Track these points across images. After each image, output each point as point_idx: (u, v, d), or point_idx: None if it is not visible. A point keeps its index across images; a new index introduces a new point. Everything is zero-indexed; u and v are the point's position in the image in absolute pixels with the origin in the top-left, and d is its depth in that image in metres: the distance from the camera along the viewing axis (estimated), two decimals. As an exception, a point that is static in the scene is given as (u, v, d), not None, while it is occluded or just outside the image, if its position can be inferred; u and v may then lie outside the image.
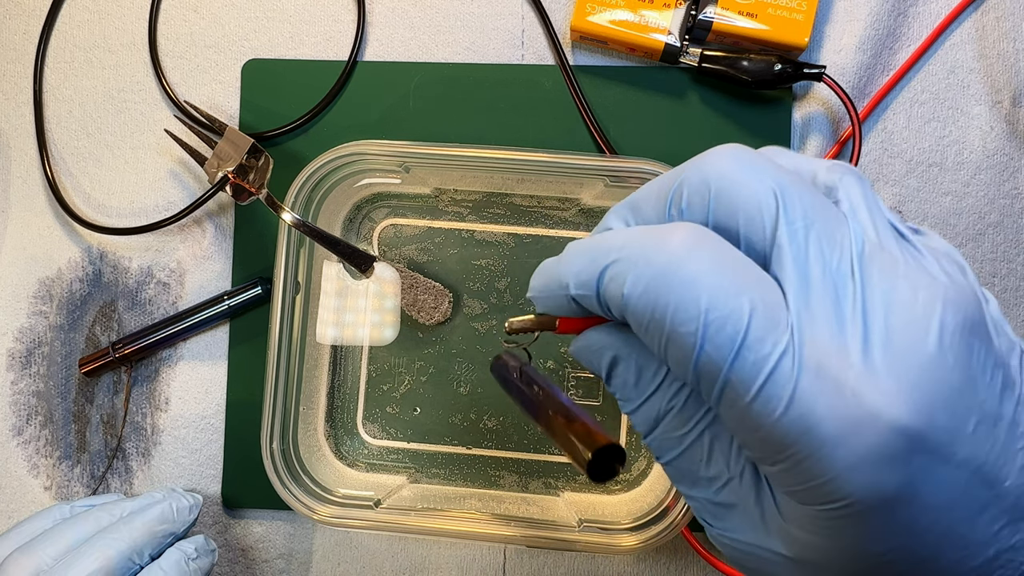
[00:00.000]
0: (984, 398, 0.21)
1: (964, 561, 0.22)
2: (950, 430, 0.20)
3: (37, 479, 0.51)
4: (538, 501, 0.48)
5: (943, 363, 0.20)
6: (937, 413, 0.20)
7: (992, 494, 0.21)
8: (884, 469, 0.20)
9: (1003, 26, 0.48)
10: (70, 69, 0.52)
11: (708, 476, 0.25)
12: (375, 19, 0.51)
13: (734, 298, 0.21)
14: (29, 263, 0.51)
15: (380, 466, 0.49)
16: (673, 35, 0.47)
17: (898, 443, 0.20)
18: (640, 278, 0.22)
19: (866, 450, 0.20)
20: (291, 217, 0.44)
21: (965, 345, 0.21)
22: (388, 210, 0.49)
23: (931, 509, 0.21)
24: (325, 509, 0.44)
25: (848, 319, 0.21)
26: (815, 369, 0.20)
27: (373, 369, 0.49)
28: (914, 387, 0.20)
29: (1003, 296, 0.47)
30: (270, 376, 0.44)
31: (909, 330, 0.20)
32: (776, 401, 0.20)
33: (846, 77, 0.48)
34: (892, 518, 0.21)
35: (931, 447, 0.20)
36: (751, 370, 0.21)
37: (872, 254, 0.21)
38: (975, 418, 0.21)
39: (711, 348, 0.21)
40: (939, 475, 0.21)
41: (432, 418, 0.49)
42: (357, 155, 0.44)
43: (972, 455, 0.21)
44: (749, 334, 0.21)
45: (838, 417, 0.20)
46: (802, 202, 0.22)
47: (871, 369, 0.20)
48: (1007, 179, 0.48)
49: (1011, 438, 0.21)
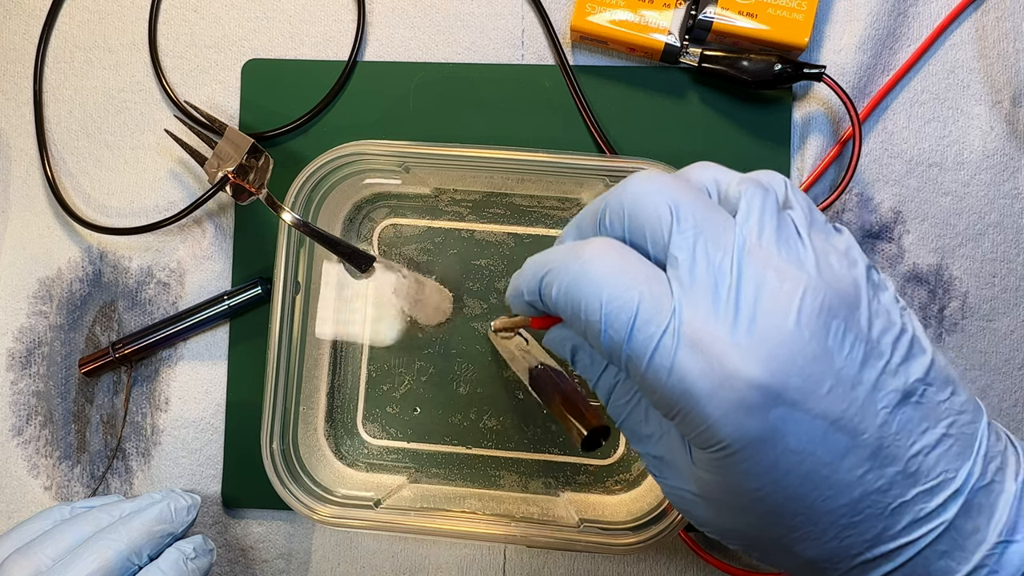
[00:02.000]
0: (841, 367, 0.25)
1: (831, 499, 0.26)
2: (804, 390, 0.25)
3: (37, 479, 0.51)
4: (538, 501, 0.48)
5: (799, 337, 0.25)
6: (791, 375, 0.25)
7: (852, 443, 0.26)
8: (745, 417, 0.25)
9: (1003, 26, 0.48)
10: (70, 69, 0.52)
11: (647, 433, 0.31)
12: (375, 19, 0.51)
13: (626, 291, 0.26)
14: (29, 263, 0.51)
15: (380, 466, 0.49)
16: (673, 35, 0.47)
17: (756, 396, 0.25)
18: (562, 284, 0.28)
19: (730, 402, 0.25)
20: (291, 217, 0.44)
21: (822, 324, 0.25)
22: (388, 210, 0.49)
23: (792, 452, 0.25)
24: (325, 509, 0.44)
25: (722, 303, 0.25)
26: (691, 342, 0.25)
27: (373, 369, 0.49)
28: (771, 354, 0.25)
29: (1003, 296, 0.47)
30: (270, 376, 0.44)
31: (772, 311, 0.25)
32: (662, 369, 0.26)
33: (846, 77, 0.48)
34: (759, 458, 0.26)
35: (787, 401, 0.25)
36: (642, 346, 0.26)
37: (751, 252, 0.26)
38: (830, 382, 0.25)
39: (612, 332, 0.27)
40: (797, 425, 0.25)
41: (432, 418, 0.49)
42: (357, 155, 0.44)
43: (828, 410, 0.25)
44: (638, 317, 0.26)
45: (708, 378, 0.25)
46: (694, 215, 0.27)
47: (737, 341, 0.25)
48: (1007, 179, 0.47)
49: (871, 400, 0.26)
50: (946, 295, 0.48)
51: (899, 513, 0.26)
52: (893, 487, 0.26)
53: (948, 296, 0.48)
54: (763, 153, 0.48)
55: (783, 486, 0.26)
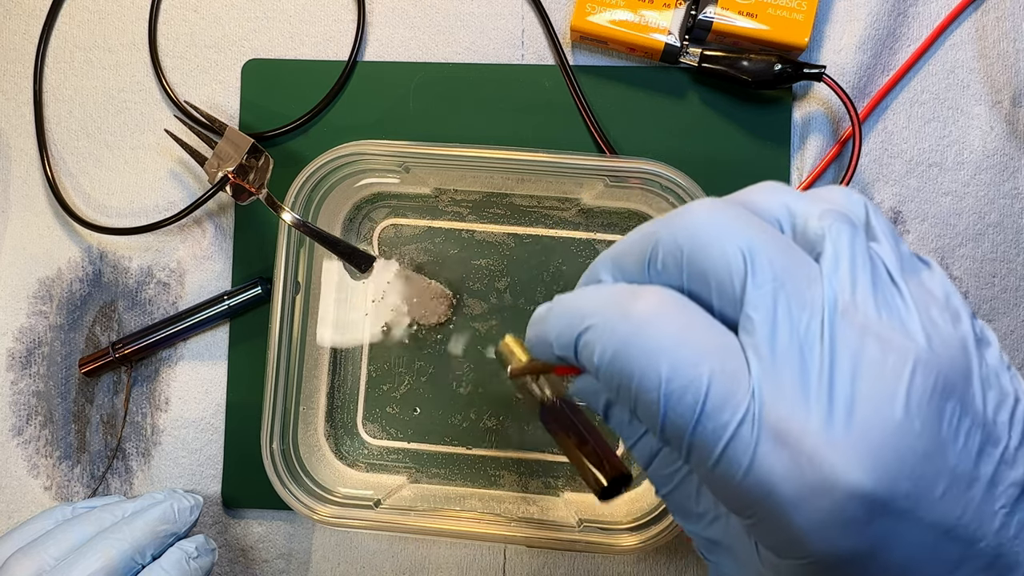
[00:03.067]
0: (956, 463, 0.21)
1: None
2: (915, 496, 0.20)
3: (37, 479, 0.51)
4: (538, 501, 0.48)
5: (909, 429, 0.20)
6: (900, 479, 0.20)
7: (965, 553, 0.21)
8: (841, 533, 0.20)
9: (1003, 26, 0.48)
10: (70, 69, 0.52)
11: (698, 512, 0.25)
12: (375, 19, 0.51)
13: (693, 367, 0.21)
14: (29, 263, 0.51)
15: (380, 466, 0.49)
16: (673, 35, 0.47)
17: (856, 508, 0.20)
18: (607, 347, 0.23)
19: (823, 515, 0.20)
20: (291, 217, 0.44)
21: (935, 410, 0.21)
22: (388, 210, 0.49)
23: (894, 569, 0.21)
24: (325, 509, 0.44)
25: (812, 384, 0.21)
26: (774, 435, 0.20)
27: (373, 369, 0.49)
28: (876, 454, 0.20)
29: (1003, 296, 0.47)
30: (270, 376, 0.44)
31: (875, 395, 0.20)
32: (737, 466, 0.21)
33: (846, 77, 0.48)
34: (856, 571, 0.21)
35: (894, 512, 0.20)
36: (712, 437, 0.21)
37: (845, 313, 0.21)
38: (944, 483, 0.21)
39: (673, 416, 0.21)
40: (903, 537, 0.21)
41: (432, 418, 0.49)
42: (357, 155, 0.44)
43: (941, 519, 0.21)
44: (708, 402, 0.21)
45: (796, 482, 0.20)
46: (772, 263, 0.22)
47: (832, 435, 0.20)
48: (1007, 179, 0.48)
49: (987, 499, 0.21)
50: (946, 295, 0.47)
51: None
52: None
53: (948, 296, 0.47)
54: (763, 153, 0.48)
55: None
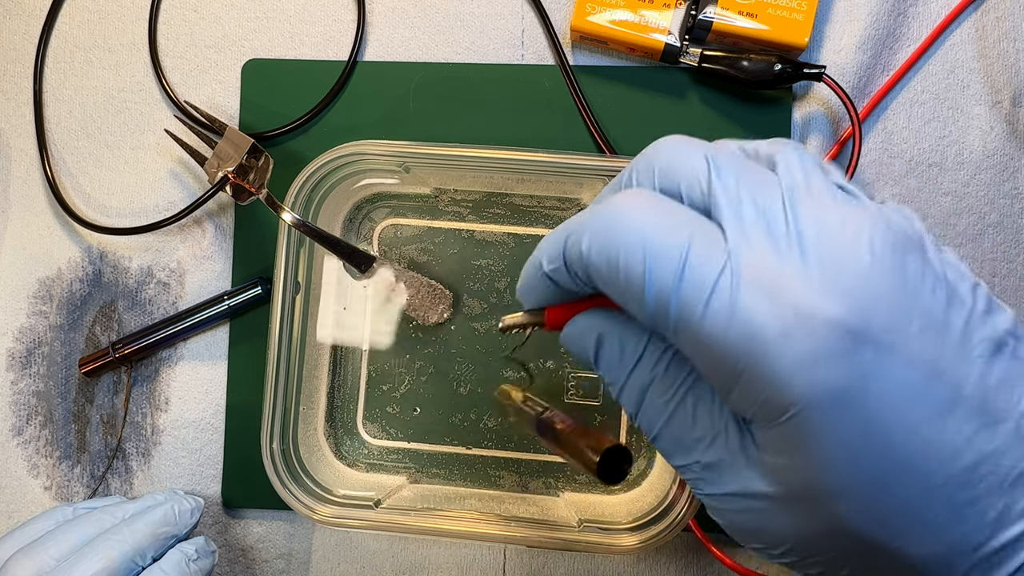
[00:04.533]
0: (928, 306, 0.22)
1: (944, 467, 0.22)
2: (892, 329, 0.21)
3: (37, 479, 0.51)
4: (538, 501, 0.48)
5: (877, 270, 0.21)
6: (876, 310, 0.21)
7: (954, 395, 0.22)
8: (827, 364, 0.21)
9: (1003, 26, 0.48)
10: (70, 69, 0.52)
11: (696, 437, 0.26)
12: (375, 19, 0.51)
13: (673, 232, 0.23)
14: (29, 263, 0.51)
15: (380, 466, 0.49)
16: (673, 35, 0.47)
17: (838, 338, 0.21)
18: (594, 235, 0.24)
19: (807, 347, 0.21)
20: (291, 217, 0.44)
21: (899, 258, 0.22)
22: (388, 210, 0.49)
23: (890, 405, 0.21)
24: (325, 509, 0.44)
25: (782, 242, 0.22)
26: (753, 281, 0.22)
27: (373, 369, 0.49)
28: (849, 289, 0.21)
29: (1003, 296, 0.47)
30: (270, 376, 0.44)
31: (840, 245, 0.22)
32: (721, 313, 0.22)
33: (846, 77, 0.48)
34: (851, 416, 0.21)
35: (874, 343, 0.21)
36: (696, 291, 0.22)
37: (802, 196, 0.23)
38: (918, 322, 0.22)
39: (658, 278, 0.23)
40: (890, 369, 0.21)
41: (432, 418, 0.49)
42: (357, 155, 0.44)
43: (921, 353, 0.21)
44: (689, 258, 0.22)
45: (778, 319, 0.21)
46: (733, 164, 0.24)
47: (807, 277, 0.21)
48: (1007, 179, 0.48)
49: (963, 346, 0.22)
50: (946, 295, 0.47)
51: (1021, 483, 0.22)
52: (1009, 451, 0.22)
53: (948, 296, 0.47)
54: (763, 153, 0.48)
55: (885, 451, 0.22)
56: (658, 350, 0.26)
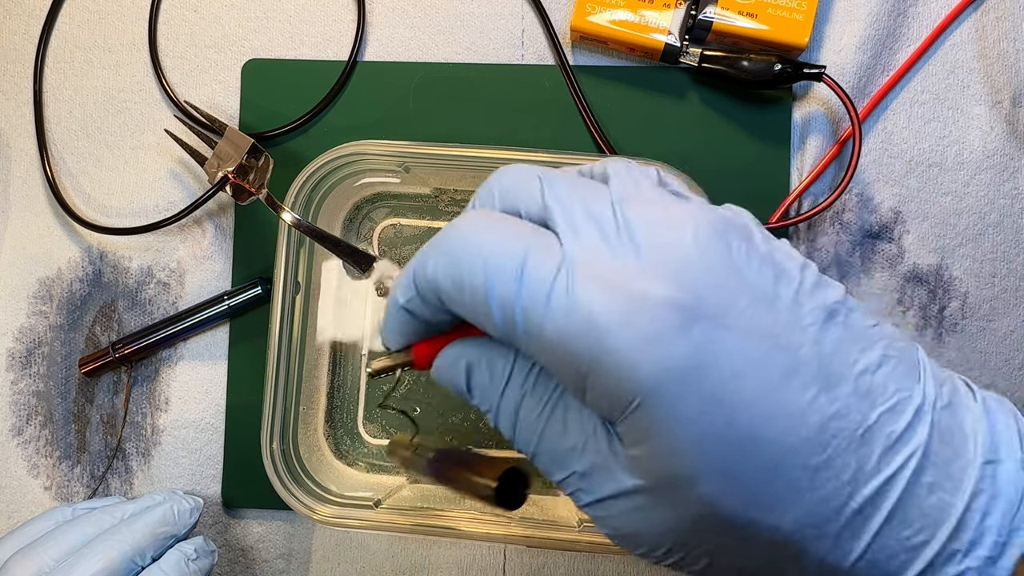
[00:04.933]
0: (754, 282, 0.23)
1: (790, 432, 0.23)
2: (721, 304, 0.23)
3: (37, 479, 0.51)
4: (538, 501, 0.48)
5: (702, 254, 0.23)
6: (703, 289, 0.23)
7: (791, 360, 0.23)
8: (663, 343, 0.22)
9: (1003, 26, 0.48)
10: (70, 69, 0.52)
11: (569, 447, 0.26)
12: (375, 19, 0.51)
13: (509, 243, 0.24)
14: (29, 263, 0.51)
15: (380, 466, 0.49)
16: (673, 35, 0.47)
17: (671, 316, 0.22)
18: (437, 257, 0.26)
19: (643, 329, 0.22)
20: (291, 217, 0.44)
21: (722, 242, 0.24)
22: (388, 210, 0.49)
23: (730, 377, 0.22)
24: (325, 509, 0.44)
25: (612, 238, 0.24)
26: (588, 276, 0.23)
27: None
28: (677, 272, 0.23)
29: (1003, 296, 0.47)
30: (270, 376, 0.44)
31: (666, 234, 0.23)
32: (561, 311, 0.23)
33: (846, 77, 0.48)
34: (694, 391, 0.22)
35: (707, 316, 0.22)
36: (536, 294, 0.23)
37: (630, 198, 0.25)
38: (746, 296, 0.23)
39: (499, 289, 0.24)
40: (725, 342, 0.22)
41: (432, 418, 0.49)
42: (357, 155, 0.44)
43: (753, 325, 0.23)
44: (526, 265, 0.24)
45: (613, 306, 0.22)
46: (564, 179, 0.26)
47: (637, 266, 0.23)
48: (1007, 179, 0.48)
49: (794, 315, 0.23)
50: (946, 295, 0.48)
51: (868, 441, 0.23)
52: (851, 410, 0.23)
53: (948, 296, 0.48)
54: (763, 153, 0.48)
55: (731, 424, 0.22)
56: (526, 367, 0.27)
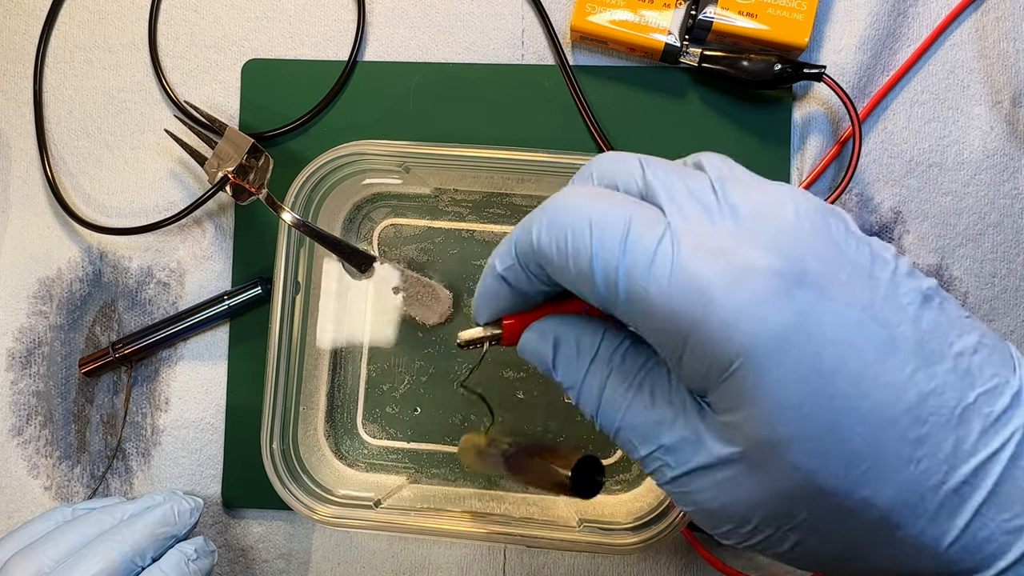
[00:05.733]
0: (854, 259, 0.24)
1: (888, 406, 0.23)
2: (823, 273, 0.23)
3: (37, 479, 0.51)
4: (538, 501, 0.48)
5: (803, 227, 0.24)
6: (805, 259, 0.23)
7: (890, 335, 0.23)
8: (766, 307, 0.23)
9: (1003, 26, 0.48)
10: (70, 69, 0.52)
11: (656, 420, 0.27)
12: (375, 19, 0.51)
13: (615, 211, 0.25)
14: (29, 263, 0.51)
15: (380, 466, 0.49)
16: (673, 35, 0.47)
17: (774, 282, 0.23)
18: (542, 224, 0.26)
19: (747, 294, 0.23)
20: (291, 217, 0.44)
21: (822, 220, 0.24)
22: (388, 210, 0.49)
23: (829, 345, 0.23)
24: (325, 509, 0.44)
25: (715, 212, 0.24)
26: (692, 244, 0.24)
27: (373, 369, 0.49)
28: (780, 243, 0.23)
29: (1003, 296, 0.47)
30: (270, 376, 0.44)
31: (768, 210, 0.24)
32: (664, 277, 0.24)
33: (846, 77, 0.48)
34: (790, 357, 0.23)
35: (809, 284, 0.23)
36: (640, 258, 0.24)
37: (728, 180, 0.25)
38: (846, 270, 0.23)
39: (604, 252, 0.24)
40: (827, 310, 0.23)
41: (432, 418, 0.49)
42: (357, 155, 0.44)
43: (854, 296, 0.23)
44: (631, 230, 0.24)
45: (718, 273, 0.23)
46: (662, 162, 0.27)
47: (741, 237, 0.24)
48: (1007, 179, 0.48)
49: (892, 293, 0.24)
50: (946, 295, 0.48)
51: (967, 419, 0.23)
52: (949, 388, 0.23)
53: (948, 296, 0.47)
54: (763, 153, 0.48)
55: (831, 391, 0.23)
56: (614, 343, 0.28)
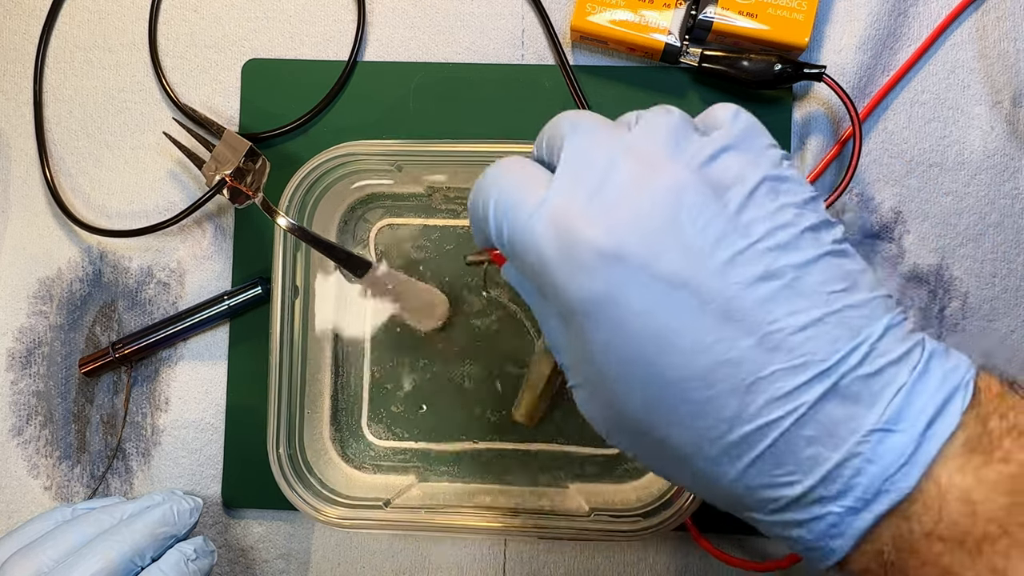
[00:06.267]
0: (689, 238, 0.26)
1: (680, 367, 0.26)
2: (643, 254, 0.26)
3: (37, 479, 0.51)
4: (548, 494, 0.48)
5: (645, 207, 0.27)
6: (630, 238, 0.26)
7: (698, 307, 0.26)
8: (586, 278, 0.27)
9: (1003, 26, 0.48)
10: (70, 69, 0.52)
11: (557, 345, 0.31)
12: (375, 19, 0.51)
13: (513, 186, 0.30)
14: (29, 263, 0.51)
15: (387, 467, 0.49)
16: (673, 35, 0.47)
17: (594, 258, 0.27)
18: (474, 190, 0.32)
19: (573, 265, 0.27)
20: (286, 222, 0.44)
21: (676, 200, 0.27)
22: (383, 210, 0.49)
23: (636, 313, 0.26)
24: (335, 511, 0.44)
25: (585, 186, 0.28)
26: (550, 218, 0.28)
27: (376, 370, 0.49)
28: (615, 221, 0.27)
29: (1003, 296, 0.47)
30: (273, 382, 0.44)
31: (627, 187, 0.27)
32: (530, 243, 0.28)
33: (846, 77, 0.48)
34: (605, 317, 0.27)
35: (625, 263, 0.26)
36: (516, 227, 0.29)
37: (631, 149, 0.28)
38: (675, 250, 0.26)
39: (497, 218, 0.30)
40: (635, 285, 0.26)
41: (437, 416, 0.49)
42: (349, 156, 0.44)
43: (669, 273, 0.26)
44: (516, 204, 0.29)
45: (557, 246, 0.27)
46: (592, 126, 0.30)
47: (588, 213, 0.27)
48: (1007, 179, 0.47)
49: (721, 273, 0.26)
50: (946, 295, 0.48)
51: (755, 390, 0.26)
52: (746, 361, 0.26)
53: (948, 296, 0.48)
54: (763, 153, 0.48)
55: (632, 348, 0.27)
56: None
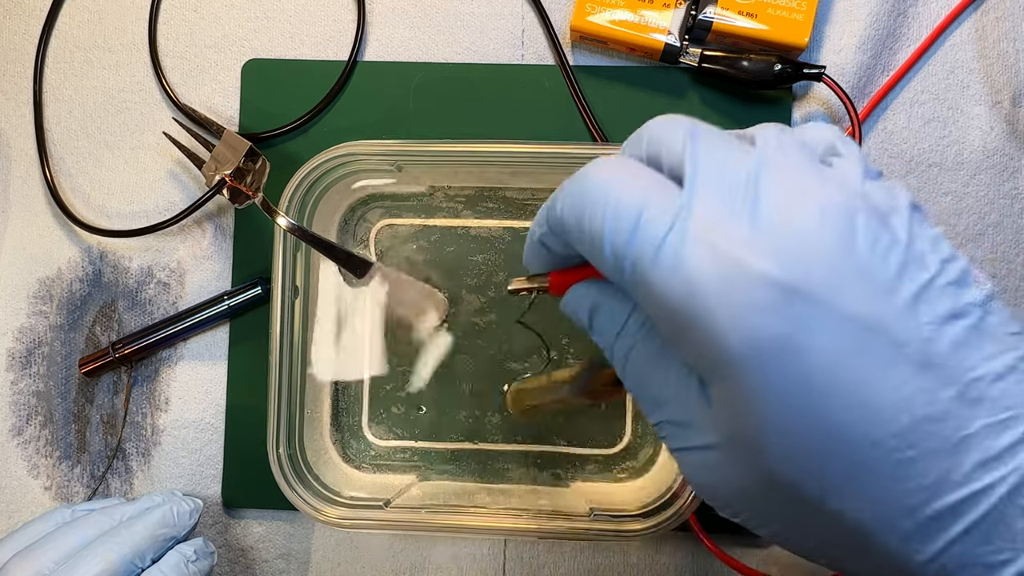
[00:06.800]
0: (872, 270, 0.22)
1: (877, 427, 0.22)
2: (828, 285, 0.22)
3: (37, 479, 0.51)
4: (548, 493, 0.48)
5: (821, 234, 0.22)
6: (812, 269, 0.22)
7: (893, 354, 0.22)
8: (758, 316, 0.22)
9: (1003, 26, 0.48)
10: (70, 69, 0.52)
11: (667, 396, 0.27)
12: (375, 19, 0.51)
13: (632, 194, 0.25)
14: (29, 263, 0.51)
15: (387, 467, 0.49)
16: (673, 35, 0.47)
17: (771, 292, 0.22)
18: (567, 197, 0.27)
19: (740, 300, 0.22)
20: (286, 222, 0.44)
21: (848, 224, 0.23)
22: (383, 210, 0.49)
23: (822, 362, 0.22)
24: (335, 511, 0.44)
25: (737, 203, 0.23)
26: (699, 238, 0.23)
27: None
28: (788, 247, 0.22)
29: (1003, 296, 0.47)
30: (273, 382, 0.44)
31: (790, 208, 0.23)
32: (667, 268, 0.23)
33: (846, 77, 0.48)
34: (780, 366, 0.22)
35: (808, 297, 0.22)
36: (647, 246, 0.24)
37: (769, 165, 0.24)
38: (860, 284, 0.22)
39: (615, 234, 0.25)
40: (823, 325, 0.22)
41: (438, 415, 0.49)
42: (349, 156, 0.44)
43: (859, 313, 0.22)
44: (643, 217, 0.24)
45: (717, 274, 0.22)
46: (710, 136, 0.26)
47: (750, 237, 0.23)
48: (1007, 179, 0.47)
49: (911, 310, 0.22)
50: (946, 295, 0.47)
51: (963, 449, 0.22)
52: (951, 416, 0.22)
53: (948, 296, 0.47)
54: (763, 153, 0.48)
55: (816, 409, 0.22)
56: (641, 318, 0.28)
